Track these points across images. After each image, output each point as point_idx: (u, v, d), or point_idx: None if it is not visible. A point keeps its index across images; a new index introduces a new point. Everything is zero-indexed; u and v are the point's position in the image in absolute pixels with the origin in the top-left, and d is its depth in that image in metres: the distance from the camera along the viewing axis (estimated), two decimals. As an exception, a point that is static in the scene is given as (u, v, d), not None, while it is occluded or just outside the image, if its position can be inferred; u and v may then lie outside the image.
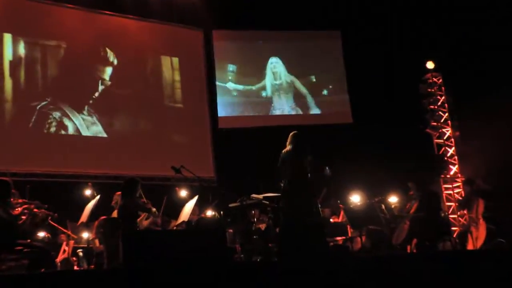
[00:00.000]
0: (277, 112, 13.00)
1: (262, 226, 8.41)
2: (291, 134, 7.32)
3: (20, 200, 6.52)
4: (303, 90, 13.25)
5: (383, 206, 9.24)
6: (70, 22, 11.33)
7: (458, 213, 8.90)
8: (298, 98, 13.19)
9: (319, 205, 7.14)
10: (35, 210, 6.35)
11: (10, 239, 5.84)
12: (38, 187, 8.92)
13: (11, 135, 10.23)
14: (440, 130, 12.52)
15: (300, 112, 13.15)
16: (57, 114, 10.74)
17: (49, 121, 10.65)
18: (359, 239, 8.44)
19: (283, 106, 13.09)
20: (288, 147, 7.17)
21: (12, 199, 6.27)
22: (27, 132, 10.38)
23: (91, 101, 11.19)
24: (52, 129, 10.65)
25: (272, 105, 13.05)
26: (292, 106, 13.12)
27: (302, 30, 13.35)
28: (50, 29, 11.13)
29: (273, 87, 13.12)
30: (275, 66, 13.25)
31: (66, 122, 10.82)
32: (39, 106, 10.61)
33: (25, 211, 6.19)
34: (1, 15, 10.64)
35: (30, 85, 10.68)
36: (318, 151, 7.43)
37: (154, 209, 7.35)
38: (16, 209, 6.15)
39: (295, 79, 13.27)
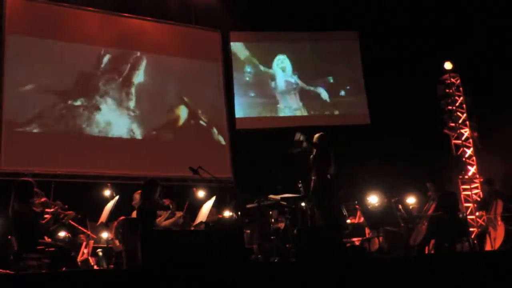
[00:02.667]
0: (287, 111, 12.97)
1: (281, 227, 8.43)
2: (317, 135, 7.38)
3: (42, 199, 6.59)
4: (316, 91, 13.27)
5: (400, 206, 9.23)
6: (91, 24, 11.49)
7: (477, 213, 8.84)
8: (311, 99, 13.18)
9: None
10: (58, 210, 6.43)
11: (33, 238, 5.94)
12: (58, 188, 9.06)
13: (34, 137, 10.38)
14: (458, 131, 12.43)
15: (318, 112, 13.16)
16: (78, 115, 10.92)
17: (69, 122, 10.81)
18: (376, 240, 8.43)
19: (296, 105, 13.09)
20: (314, 148, 7.22)
21: (35, 199, 6.36)
22: (49, 133, 10.54)
23: (110, 102, 11.34)
24: (72, 130, 10.80)
25: (280, 104, 13.03)
26: (300, 105, 13.09)
27: (321, 31, 13.36)
28: (71, 32, 11.28)
29: (287, 85, 13.14)
30: (284, 64, 13.23)
31: (85, 123, 10.98)
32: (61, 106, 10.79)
33: (47, 209, 6.27)
34: (22, 18, 10.81)
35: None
36: (336, 151, 7.45)
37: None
38: (39, 209, 6.23)
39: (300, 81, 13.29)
